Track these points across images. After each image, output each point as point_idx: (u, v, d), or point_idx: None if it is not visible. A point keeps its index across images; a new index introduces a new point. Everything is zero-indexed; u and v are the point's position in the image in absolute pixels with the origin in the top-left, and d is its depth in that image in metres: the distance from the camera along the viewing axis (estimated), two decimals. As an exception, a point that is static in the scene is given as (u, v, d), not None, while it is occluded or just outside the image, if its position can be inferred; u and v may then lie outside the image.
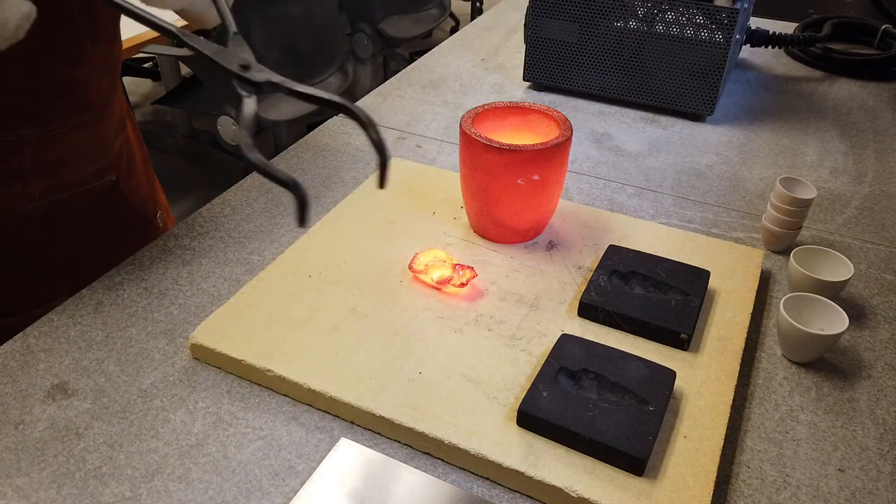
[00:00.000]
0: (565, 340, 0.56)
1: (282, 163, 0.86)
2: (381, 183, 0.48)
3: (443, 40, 1.31)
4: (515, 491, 0.48)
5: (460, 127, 0.66)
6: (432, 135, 0.94)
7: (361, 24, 2.68)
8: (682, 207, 0.80)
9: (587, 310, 0.60)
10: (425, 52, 1.24)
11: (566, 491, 0.46)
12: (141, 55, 1.90)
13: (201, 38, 0.52)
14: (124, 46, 1.62)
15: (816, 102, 1.08)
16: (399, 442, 0.51)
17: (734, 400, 0.54)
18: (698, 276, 0.63)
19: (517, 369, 0.55)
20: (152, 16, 0.53)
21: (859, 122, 1.02)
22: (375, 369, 0.54)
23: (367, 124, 0.48)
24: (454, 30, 3.46)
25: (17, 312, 0.67)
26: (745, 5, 0.97)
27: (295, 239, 0.71)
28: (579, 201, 0.80)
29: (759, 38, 1.14)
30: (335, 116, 0.98)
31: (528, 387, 0.52)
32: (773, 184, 0.84)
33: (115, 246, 0.73)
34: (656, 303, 0.60)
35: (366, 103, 1.03)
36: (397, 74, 1.14)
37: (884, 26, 1.23)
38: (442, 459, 0.50)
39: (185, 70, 2.21)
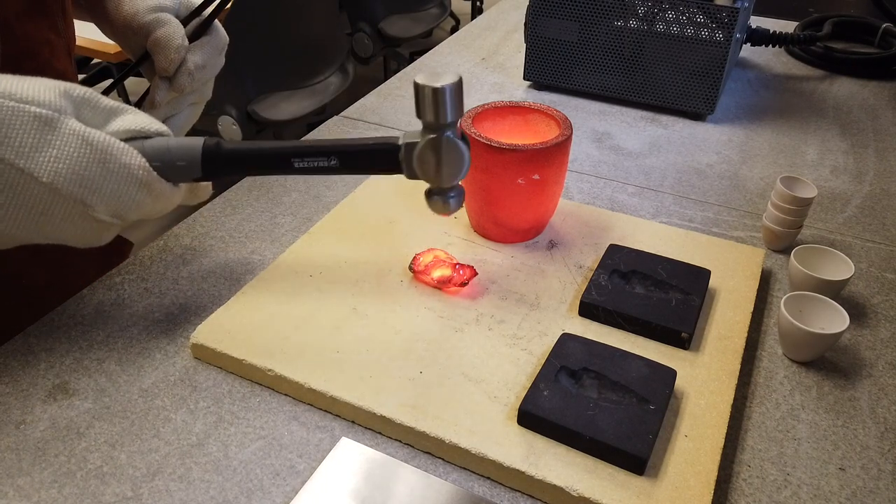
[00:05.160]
0: (566, 340, 0.56)
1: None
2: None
3: (443, 40, 1.31)
4: (516, 490, 0.48)
5: (460, 126, 0.66)
6: (433, 134, 0.94)
7: (361, 23, 2.68)
8: (682, 206, 0.80)
9: (588, 309, 0.60)
10: (425, 52, 1.24)
11: (567, 490, 0.46)
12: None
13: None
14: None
15: (817, 101, 1.08)
16: (400, 441, 0.51)
17: (735, 399, 0.54)
18: (699, 276, 0.63)
19: (518, 368, 0.55)
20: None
21: (860, 121, 1.02)
22: (376, 369, 0.54)
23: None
24: (454, 29, 3.46)
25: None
26: (746, 4, 0.97)
27: (295, 239, 0.71)
28: (580, 200, 0.80)
29: (760, 37, 1.14)
30: (335, 116, 0.98)
31: (529, 386, 0.52)
32: (773, 183, 0.84)
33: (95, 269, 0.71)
34: (657, 302, 0.60)
35: (366, 103, 1.03)
36: (397, 74, 1.14)
37: (884, 25, 1.23)
38: (443, 459, 0.50)
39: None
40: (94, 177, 0.45)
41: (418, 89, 0.50)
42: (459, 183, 0.54)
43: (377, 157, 0.53)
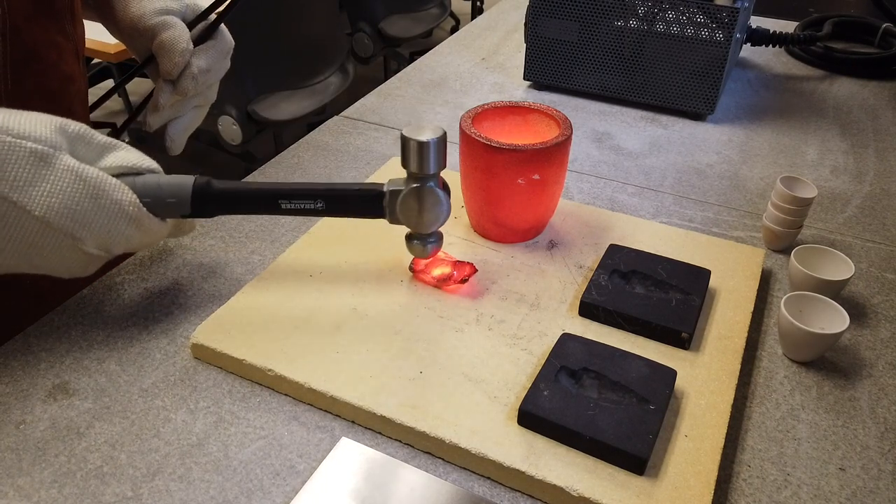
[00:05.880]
0: (566, 339, 0.56)
1: (282, 162, 0.86)
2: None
3: (443, 40, 1.31)
4: (516, 490, 0.48)
5: (460, 126, 0.66)
6: (433, 134, 0.94)
7: (361, 23, 2.68)
8: (682, 206, 0.80)
9: (588, 309, 0.60)
10: (426, 52, 1.24)
11: (567, 490, 0.46)
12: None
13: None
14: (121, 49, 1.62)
15: (817, 101, 1.08)
16: (400, 441, 0.51)
17: (735, 399, 0.54)
18: (699, 276, 0.63)
19: (518, 368, 0.55)
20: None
21: (860, 121, 1.02)
22: (376, 369, 0.54)
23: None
24: (454, 29, 3.46)
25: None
26: (746, 4, 0.97)
27: (295, 239, 0.71)
28: (580, 200, 0.80)
29: (760, 37, 1.14)
30: (335, 116, 0.98)
31: (529, 386, 0.52)
32: (773, 183, 0.84)
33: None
34: (657, 302, 0.60)
35: (366, 103, 1.03)
36: (397, 74, 1.14)
37: (884, 25, 1.23)
38: (443, 459, 0.50)
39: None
40: (85, 212, 0.47)
41: (405, 142, 0.52)
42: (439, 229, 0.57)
43: (362, 202, 0.56)
